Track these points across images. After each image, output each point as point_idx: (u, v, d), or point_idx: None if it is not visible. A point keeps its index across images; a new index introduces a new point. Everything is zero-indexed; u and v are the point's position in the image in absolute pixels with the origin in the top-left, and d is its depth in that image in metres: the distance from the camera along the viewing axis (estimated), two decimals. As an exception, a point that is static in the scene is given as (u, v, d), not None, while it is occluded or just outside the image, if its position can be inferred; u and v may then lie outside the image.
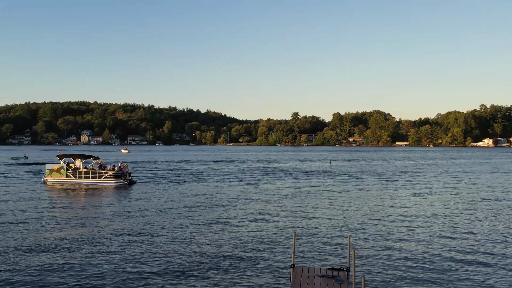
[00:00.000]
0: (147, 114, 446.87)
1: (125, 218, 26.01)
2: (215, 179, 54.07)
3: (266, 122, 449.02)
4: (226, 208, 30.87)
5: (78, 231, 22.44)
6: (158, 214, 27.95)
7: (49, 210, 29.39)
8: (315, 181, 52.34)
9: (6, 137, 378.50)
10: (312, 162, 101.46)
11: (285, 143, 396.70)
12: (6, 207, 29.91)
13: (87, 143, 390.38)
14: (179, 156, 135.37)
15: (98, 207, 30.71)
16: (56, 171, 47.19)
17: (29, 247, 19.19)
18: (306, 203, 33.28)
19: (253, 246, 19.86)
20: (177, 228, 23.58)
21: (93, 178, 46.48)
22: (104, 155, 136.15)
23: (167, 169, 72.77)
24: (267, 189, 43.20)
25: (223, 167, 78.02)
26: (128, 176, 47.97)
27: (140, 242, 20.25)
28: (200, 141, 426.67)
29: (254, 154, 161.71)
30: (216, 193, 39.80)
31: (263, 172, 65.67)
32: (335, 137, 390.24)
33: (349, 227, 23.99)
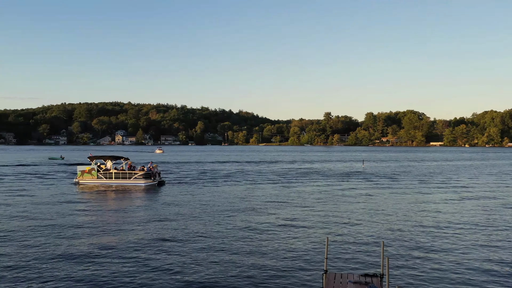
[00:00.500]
0: (180, 114, 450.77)
1: (153, 222, 25.99)
2: (247, 180, 53.96)
3: (298, 122, 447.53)
4: (257, 211, 30.68)
5: (108, 235, 22.61)
6: (187, 217, 27.90)
7: (80, 212, 29.74)
8: (347, 183, 51.72)
9: (43, 137, 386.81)
10: (344, 163, 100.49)
11: (317, 143, 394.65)
12: (38, 209, 30.37)
13: (121, 143, 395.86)
14: (211, 156, 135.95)
15: (128, 210, 30.90)
16: (87, 172, 47.95)
17: (59, 250, 19.42)
18: (338, 207, 32.87)
19: (284, 251, 19.68)
20: (206, 232, 23.49)
21: (123, 179, 47.04)
22: (138, 155, 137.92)
23: (199, 169, 73.08)
24: (298, 191, 42.79)
25: (255, 168, 77.92)
26: (157, 177, 48.38)
27: (169, 248, 20.18)
28: (232, 141, 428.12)
29: (286, 154, 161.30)
30: (247, 195, 39.64)
31: (295, 174, 65.22)
32: (368, 137, 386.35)
33: (382, 232, 23.54)
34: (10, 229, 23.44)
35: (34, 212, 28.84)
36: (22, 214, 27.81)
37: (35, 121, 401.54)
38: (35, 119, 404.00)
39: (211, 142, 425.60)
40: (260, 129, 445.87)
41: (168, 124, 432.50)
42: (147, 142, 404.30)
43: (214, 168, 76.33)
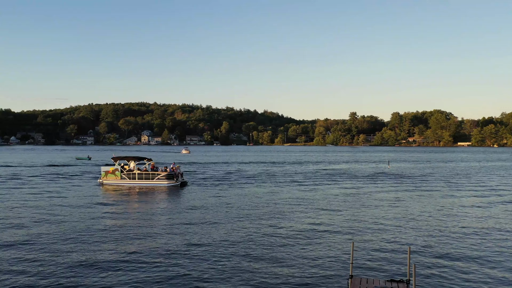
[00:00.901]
0: (205, 114, 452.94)
1: (176, 226, 25.88)
2: (271, 182, 53.80)
3: (324, 122, 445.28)
4: (282, 214, 30.51)
5: (131, 240, 22.73)
6: (210, 220, 27.84)
7: (104, 215, 29.98)
8: (372, 185, 51.15)
9: (70, 137, 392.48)
10: (369, 163, 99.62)
11: (343, 143, 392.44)
12: (63, 212, 30.70)
13: (147, 143, 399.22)
14: (236, 157, 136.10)
15: (151, 212, 30.92)
16: (111, 173, 48.51)
17: (83, 256, 19.58)
18: (364, 209, 32.52)
19: (310, 255, 19.56)
20: (229, 235, 23.45)
21: (146, 179, 47.41)
22: (165, 155, 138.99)
23: (223, 170, 73.19)
24: (323, 193, 42.46)
25: (280, 169, 77.71)
26: (180, 177, 48.76)
27: (191, 253, 20.17)
28: (257, 141, 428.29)
29: (311, 155, 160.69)
30: (271, 197, 39.44)
31: (320, 175, 64.81)
32: (394, 137, 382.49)
33: (409, 237, 23.18)
34: (36, 233, 23.66)
35: (59, 215, 29.06)
36: (47, 218, 28.00)
37: (63, 122, 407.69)
38: (63, 120, 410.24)
39: (236, 142, 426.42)
40: (285, 129, 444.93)
41: (194, 124, 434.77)
42: (172, 142, 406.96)
43: (238, 169, 76.44)
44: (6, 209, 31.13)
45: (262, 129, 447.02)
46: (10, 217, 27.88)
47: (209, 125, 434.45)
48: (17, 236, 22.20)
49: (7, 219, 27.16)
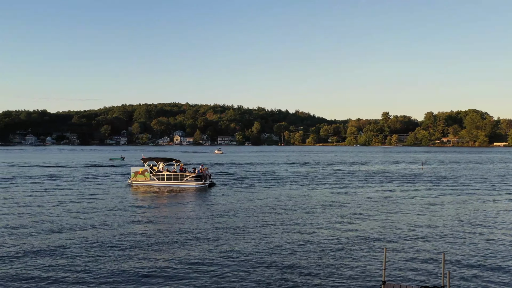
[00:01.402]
0: (236, 114, 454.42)
1: (205, 230, 25.83)
2: (301, 183, 53.48)
3: (356, 122, 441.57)
4: (311, 216, 30.21)
5: (161, 245, 22.80)
6: (237, 223, 27.77)
7: (133, 217, 30.19)
8: (405, 187, 50.24)
9: (104, 137, 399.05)
10: (402, 164, 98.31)
11: (375, 143, 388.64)
12: (92, 213, 31.05)
13: (179, 143, 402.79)
14: (267, 157, 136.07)
15: (179, 216, 30.92)
16: (140, 173, 49.07)
17: (113, 259, 19.77)
18: (396, 213, 31.94)
19: (341, 260, 19.32)
20: (259, 239, 23.33)
21: (175, 180, 47.84)
22: (198, 156, 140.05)
23: (253, 171, 73.17)
24: (355, 196, 41.90)
25: (310, 170, 77.29)
26: (208, 179, 49.09)
27: (221, 257, 20.16)
28: (288, 142, 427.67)
29: (342, 155, 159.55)
30: (300, 199, 39.15)
31: (352, 176, 64.21)
32: (428, 137, 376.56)
33: (443, 243, 22.62)
34: (67, 238, 23.88)
35: (90, 218, 29.18)
36: (78, 222, 28.18)
37: (97, 122, 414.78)
38: (97, 120, 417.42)
39: (268, 143, 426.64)
40: (317, 129, 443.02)
41: (225, 124, 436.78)
42: (204, 142, 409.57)
43: (268, 170, 76.23)
44: (39, 209, 31.71)
45: (294, 129, 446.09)
46: (44, 220, 28.26)
47: (240, 125, 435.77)
48: (49, 242, 22.40)
49: (40, 222, 27.58)
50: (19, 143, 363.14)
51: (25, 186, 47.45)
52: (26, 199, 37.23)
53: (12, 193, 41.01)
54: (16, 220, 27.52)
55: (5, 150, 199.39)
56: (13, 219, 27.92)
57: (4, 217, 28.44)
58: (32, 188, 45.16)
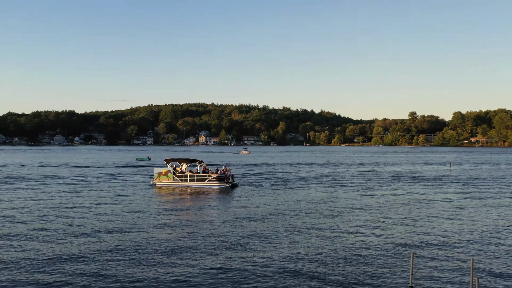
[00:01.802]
0: (261, 114, 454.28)
1: (227, 234, 25.65)
2: (325, 184, 53.20)
3: (382, 122, 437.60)
4: (335, 218, 29.93)
5: (182, 250, 22.78)
6: (259, 223, 27.78)
7: (156, 219, 30.29)
8: (433, 188, 49.42)
9: (131, 138, 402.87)
10: (429, 165, 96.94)
11: (402, 143, 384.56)
12: (116, 213, 31.37)
13: (204, 143, 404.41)
14: (293, 157, 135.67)
15: (202, 217, 30.87)
16: (163, 174, 49.36)
17: (136, 265, 19.85)
18: (423, 215, 31.42)
19: (366, 264, 19.08)
20: (279, 239, 23.21)
21: (197, 181, 48.12)
22: (224, 156, 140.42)
23: (278, 171, 72.94)
24: (380, 197, 41.39)
25: (336, 171, 76.74)
26: (230, 179, 49.28)
27: (243, 257, 20.17)
28: (314, 142, 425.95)
29: (368, 156, 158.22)
30: (324, 200, 38.85)
31: (378, 177, 63.56)
32: (456, 138, 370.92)
33: (473, 247, 22.16)
34: (92, 241, 24.09)
35: (114, 219, 29.35)
36: (102, 225, 28.39)
37: (124, 122, 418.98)
38: (124, 120, 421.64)
39: (293, 143, 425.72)
40: (342, 129, 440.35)
41: (250, 124, 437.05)
42: (229, 142, 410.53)
43: (293, 171, 75.98)
44: (66, 211, 32.15)
45: (319, 129, 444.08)
46: (71, 223, 28.55)
47: (265, 125, 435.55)
48: (74, 246, 22.56)
49: (66, 225, 27.89)
50: (48, 143, 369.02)
51: (53, 187, 48.07)
52: (53, 200, 37.70)
53: (40, 194, 41.62)
54: (44, 223, 27.82)
55: (35, 150, 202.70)
56: (41, 221, 28.27)
57: (33, 219, 28.85)
58: (59, 189, 45.78)
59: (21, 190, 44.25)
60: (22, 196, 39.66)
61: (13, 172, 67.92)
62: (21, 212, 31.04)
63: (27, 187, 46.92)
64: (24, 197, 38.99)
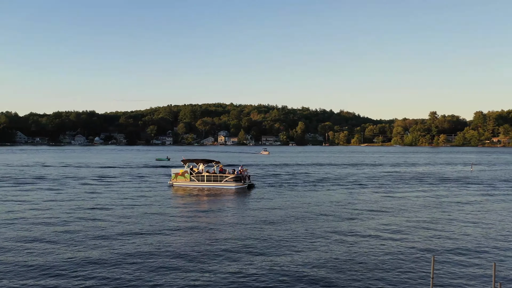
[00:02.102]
0: (280, 114, 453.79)
1: (243, 234, 25.72)
2: (344, 185, 52.91)
3: (402, 121, 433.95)
4: (353, 220, 29.68)
5: (199, 241, 22.91)
6: (276, 225, 27.70)
7: (174, 220, 30.47)
8: (453, 190, 48.77)
9: (150, 138, 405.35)
10: (450, 166, 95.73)
11: (422, 143, 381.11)
12: (134, 215, 31.46)
13: (223, 143, 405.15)
14: (312, 158, 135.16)
15: (219, 220, 30.79)
16: (180, 175, 49.75)
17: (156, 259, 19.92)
18: (444, 218, 30.93)
19: (385, 268, 18.84)
20: (295, 242, 23.06)
21: (214, 181, 48.34)
22: (244, 156, 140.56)
23: (296, 172, 72.65)
24: (401, 200, 40.82)
25: (355, 171, 76.21)
26: (247, 180, 49.38)
27: (258, 260, 20.08)
28: (333, 142, 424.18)
29: (388, 156, 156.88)
30: (342, 202, 38.54)
31: (397, 178, 62.92)
32: (477, 138, 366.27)
33: (495, 252, 21.75)
34: (113, 245, 24.13)
35: (134, 221, 29.38)
36: (121, 227, 28.48)
37: (144, 123, 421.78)
38: (143, 121, 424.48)
39: (312, 143, 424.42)
40: (362, 129, 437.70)
41: (269, 124, 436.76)
42: (248, 142, 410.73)
43: (311, 171, 75.68)
44: (87, 213, 32.37)
45: (338, 129, 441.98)
46: (90, 226, 28.69)
47: (284, 125, 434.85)
48: (93, 249, 22.68)
49: (86, 228, 28.03)
50: (68, 143, 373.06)
51: (73, 187, 48.50)
52: (73, 202, 37.98)
53: (61, 195, 42.00)
54: (64, 225, 28.02)
55: (56, 150, 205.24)
56: (61, 223, 28.50)
57: (54, 221, 29.09)
58: (80, 190, 46.15)
59: (43, 191, 44.70)
60: (44, 197, 40.03)
61: (35, 172, 68.72)
62: (43, 214, 31.28)
63: (48, 188, 47.38)
64: (46, 198, 39.34)
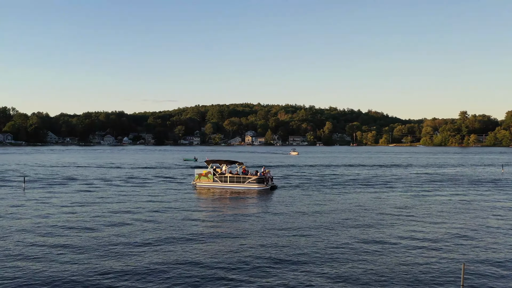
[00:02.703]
0: (308, 114, 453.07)
1: (264, 238, 25.56)
2: (370, 187, 52.21)
3: (431, 121, 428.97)
4: (379, 225, 29.01)
5: (223, 246, 22.80)
6: (298, 229, 27.43)
7: (197, 218, 30.88)
8: (484, 193, 47.35)
9: (178, 138, 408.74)
10: (480, 167, 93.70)
11: (452, 144, 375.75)
12: (158, 218, 31.44)
13: (250, 143, 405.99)
14: (340, 158, 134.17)
15: (241, 222, 30.54)
16: (204, 175, 50.00)
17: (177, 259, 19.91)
18: (476, 224, 29.97)
19: (413, 276, 18.41)
20: (316, 248, 22.66)
21: (237, 182, 48.45)
22: (273, 157, 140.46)
23: (322, 173, 71.99)
24: (429, 203, 39.82)
25: (383, 173, 75.18)
26: (270, 181, 49.31)
27: (278, 268, 19.84)
28: (360, 142, 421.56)
29: (417, 157, 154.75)
30: (370, 206, 37.67)
31: (426, 180, 61.74)
32: (509, 138, 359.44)
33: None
34: (132, 252, 24.11)
35: (157, 227, 29.17)
36: (147, 231, 28.39)
37: (172, 123, 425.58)
38: (171, 121, 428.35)
39: (339, 143, 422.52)
40: (390, 129, 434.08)
41: (296, 124, 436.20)
42: (275, 142, 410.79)
43: (338, 172, 74.97)
44: (113, 215, 32.52)
45: (366, 129, 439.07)
46: (117, 233, 28.71)
47: (312, 125, 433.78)
48: (120, 259, 22.61)
49: (112, 234, 28.13)
50: (98, 143, 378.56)
51: (102, 189, 48.83)
52: (101, 205, 38.18)
53: (89, 197, 42.41)
54: (92, 231, 28.21)
55: (86, 150, 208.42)
56: (88, 229, 28.68)
57: (81, 226, 29.26)
58: (108, 192, 46.48)
59: (72, 193, 44.93)
60: (69, 200, 40.29)
61: (66, 173, 69.51)
62: (71, 218, 31.45)
63: (77, 190, 47.72)
64: (75, 201, 39.48)
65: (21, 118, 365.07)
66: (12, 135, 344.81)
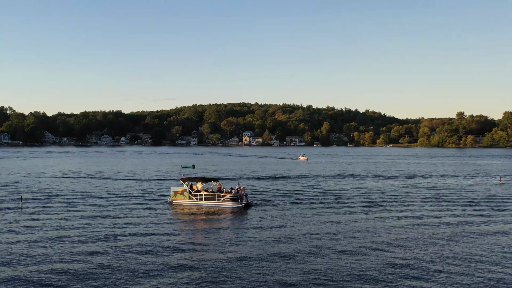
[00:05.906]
0: (305, 114, 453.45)
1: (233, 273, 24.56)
2: (362, 205, 50.12)
3: (428, 122, 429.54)
4: (370, 259, 27.13)
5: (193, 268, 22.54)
6: (268, 252, 27.96)
7: (166, 243, 30.90)
8: (482, 213, 44.72)
9: (176, 138, 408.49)
10: (477, 178, 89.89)
11: (449, 144, 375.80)
12: (131, 237, 32.24)
13: (248, 144, 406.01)
14: (337, 164, 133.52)
15: (212, 235, 31.14)
16: (180, 193, 51.13)
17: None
18: (470, 253, 28.09)
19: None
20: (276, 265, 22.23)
21: (212, 200, 49.52)
22: (279, 163, 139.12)
23: (315, 185, 68.78)
24: (426, 227, 37.59)
25: (375, 185, 71.41)
26: (244, 199, 50.07)
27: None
28: (358, 142, 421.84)
29: (415, 162, 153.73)
30: (353, 236, 34.22)
31: (424, 199, 57.90)
32: (506, 139, 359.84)
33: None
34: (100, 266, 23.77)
35: (131, 243, 29.49)
36: (116, 251, 28.11)
37: (169, 123, 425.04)
38: (169, 121, 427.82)
39: (337, 143, 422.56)
40: (388, 130, 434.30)
41: (294, 124, 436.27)
42: (273, 143, 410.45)
43: (330, 188, 71.50)
44: (105, 238, 31.70)
45: (364, 129, 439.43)
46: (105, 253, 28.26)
47: (309, 125, 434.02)
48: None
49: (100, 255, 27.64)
50: (95, 143, 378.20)
51: (87, 207, 48.08)
52: (84, 227, 36.97)
53: (69, 214, 41.70)
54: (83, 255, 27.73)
55: (85, 153, 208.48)
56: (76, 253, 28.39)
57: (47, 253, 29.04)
58: (89, 212, 45.28)
59: (47, 214, 44.10)
60: (46, 219, 40.36)
61: (57, 186, 68.63)
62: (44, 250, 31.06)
63: (57, 207, 48.00)
64: (49, 223, 38.90)
65: (18, 118, 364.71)
66: (9, 135, 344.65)
